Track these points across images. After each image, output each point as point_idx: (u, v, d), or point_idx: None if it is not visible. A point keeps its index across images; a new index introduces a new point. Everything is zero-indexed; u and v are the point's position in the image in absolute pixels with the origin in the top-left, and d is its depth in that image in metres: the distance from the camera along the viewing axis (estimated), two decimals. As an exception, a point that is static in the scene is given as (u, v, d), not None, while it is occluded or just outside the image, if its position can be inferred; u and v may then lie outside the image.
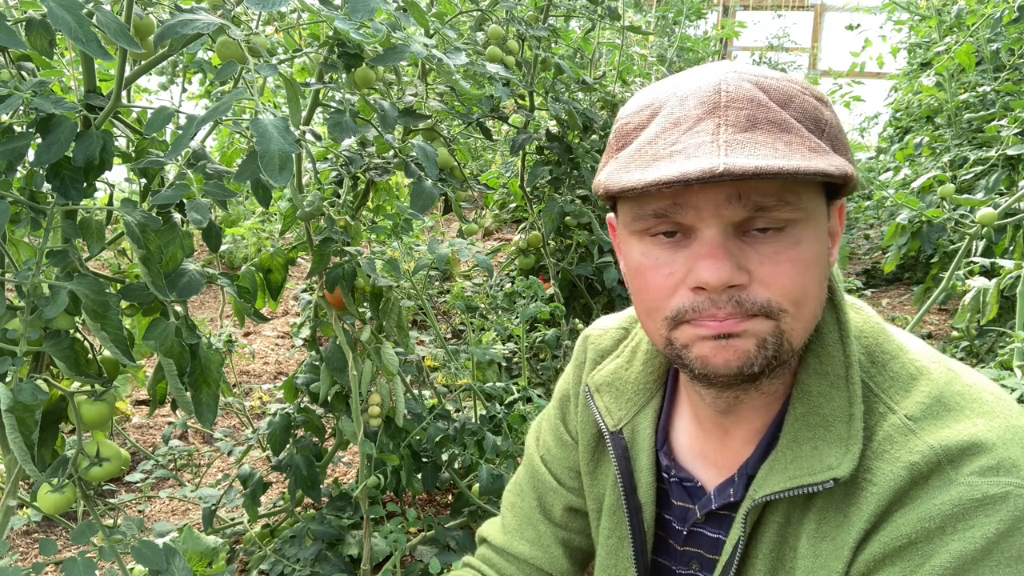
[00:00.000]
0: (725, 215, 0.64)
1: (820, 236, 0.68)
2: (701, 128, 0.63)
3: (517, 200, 3.75)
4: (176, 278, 1.16)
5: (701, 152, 0.61)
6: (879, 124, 6.55)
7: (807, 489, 0.69)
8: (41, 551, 1.15)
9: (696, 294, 0.66)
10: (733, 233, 0.65)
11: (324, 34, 1.53)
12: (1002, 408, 0.68)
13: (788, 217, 0.64)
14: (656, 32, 4.82)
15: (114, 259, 3.35)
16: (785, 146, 0.61)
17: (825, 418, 0.71)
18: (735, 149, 0.60)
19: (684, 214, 0.65)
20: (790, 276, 0.65)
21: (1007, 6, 3.16)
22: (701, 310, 0.66)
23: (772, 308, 0.65)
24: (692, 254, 0.66)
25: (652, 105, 0.68)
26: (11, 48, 1.11)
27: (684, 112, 0.65)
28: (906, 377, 0.71)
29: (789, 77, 0.68)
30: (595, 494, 0.93)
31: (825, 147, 0.64)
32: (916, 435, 0.66)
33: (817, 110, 0.66)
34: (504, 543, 1.00)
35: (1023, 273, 1.94)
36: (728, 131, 0.62)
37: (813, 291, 0.67)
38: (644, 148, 0.66)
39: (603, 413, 0.89)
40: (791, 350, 0.68)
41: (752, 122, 0.62)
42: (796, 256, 0.65)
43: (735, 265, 0.64)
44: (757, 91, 0.64)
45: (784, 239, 0.65)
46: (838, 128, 0.67)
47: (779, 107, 0.64)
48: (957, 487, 0.63)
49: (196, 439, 2.83)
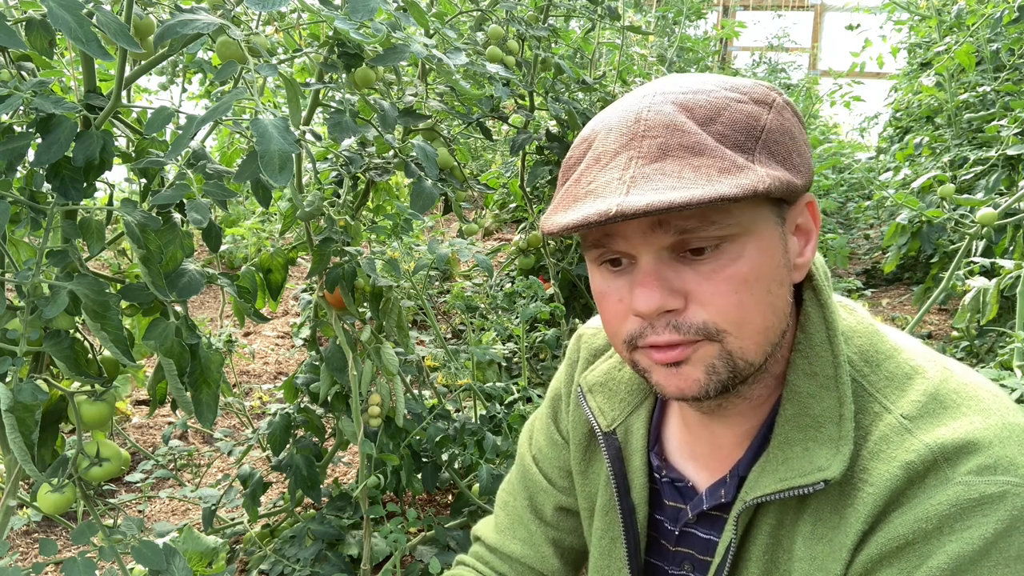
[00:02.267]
0: (653, 242, 0.65)
1: (766, 246, 0.67)
2: (615, 164, 0.64)
3: (517, 200, 3.75)
4: (176, 278, 1.16)
5: (608, 191, 0.62)
6: (879, 124, 6.55)
7: (798, 491, 0.69)
8: (41, 551, 1.15)
9: (640, 320, 0.68)
10: (669, 257, 0.66)
11: (324, 34, 1.54)
12: (998, 406, 0.67)
13: (719, 235, 0.64)
14: (656, 32, 4.82)
15: (114, 259, 3.35)
16: (693, 172, 0.61)
17: (815, 419, 0.71)
18: (638, 184, 0.61)
19: (617, 243, 0.67)
20: (725, 295, 0.65)
21: (1007, 6, 3.17)
22: (645, 335, 0.68)
23: (710, 330, 0.65)
24: (632, 281, 0.68)
25: (589, 137, 0.70)
26: (11, 48, 1.11)
27: (606, 147, 0.66)
28: (901, 376, 0.71)
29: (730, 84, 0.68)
30: (587, 494, 0.93)
31: (743, 163, 0.62)
32: (912, 434, 0.66)
33: (752, 118, 0.65)
34: (497, 542, 1.00)
35: (1023, 273, 1.94)
36: (638, 163, 0.63)
37: (756, 305, 0.66)
38: (571, 188, 0.68)
39: (596, 414, 0.88)
40: (750, 366, 0.68)
41: (664, 151, 0.63)
42: (733, 273, 0.65)
43: (667, 291, 0.65)
44: (678, 114, 0.64)
45: (722, 257, 0.65)
46: (780, 131, 0.66)
47: (701, 126, 0.64)
48: (954, 486, 0.62)
49: (196, 439, 2.83)
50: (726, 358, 0.66)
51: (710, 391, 0.67)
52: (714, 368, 0.67)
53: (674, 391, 0.69)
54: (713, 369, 0.67)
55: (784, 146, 0.66)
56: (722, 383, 0.67)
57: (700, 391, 0.67)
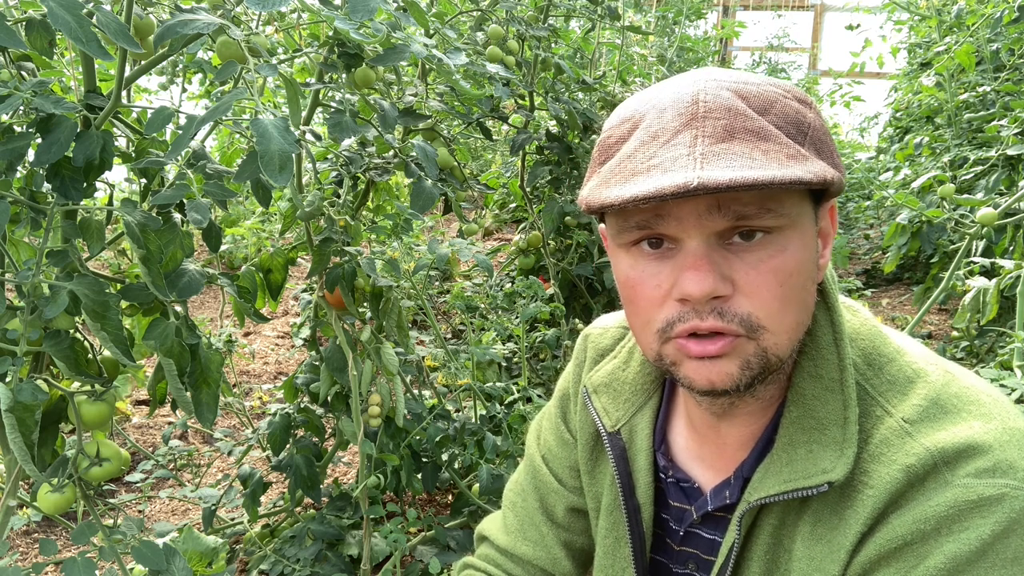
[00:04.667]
0: (707, 225, 0.64)
1: (807, 242, 0.67)
2: (678, 141, 0.63)
3: (517, 200, 3.75)
4: (176, 278, 1.16)
5: (677, 166, 0.61)
6: (879, 124, 6.55)
7: (802, 492, 0.69)
8: (41, 551, 1.15)
9: (682, 304, 0.66)
10: (717, 243, 0.65)
11: (324, 34, 1.54)
12: (999, 410, 0.68)
13: (771, 224, 0.64)
14: (656, 32, 4.82)
15: (114, 259, 3.35)
16: (763, 155, 0.61)
17: (820, 421, 0.71)
18: (711, 161, 0.60)
19: (666, 225, 0.65)
20: (771, 287, 0.65)
21: (1007, 6, 3.17)
22: (685, 319, 0.66)
23: (751, 323, 0.65)
24: (677, 265, 0.66)
25: (632, 118, 0.68)
26: (11, 48, 1.11)
27: (662, 125, 0.65)
28: (903, 380, 0.71)
29: (771, 81, 0.68)
30: (593, 493, 0.93)
31: (805, 153, 0.63)
32: (912, 438, 0.66)
33: (799, 114, 0.66)
34: (507, 544, 1.00)
35: (1023, 273, 1.94)
36: (705, 143, 0.62)
37: (795, 300, 0.67)
38: (623, 163, 0.65)
39: (601, 414, 0.89)
40: (779, 362, 0.68)
41: (729, 132, 0.62)
42: (779, 265, 0.65)
43: (719, 276, 0.64)
44: (736, 99, 0.64)
45: (769, 247, 0.65)
46: (822, 131, 0.67)
47: (758, 114, 0.64)
48: (953, 489, 0.63)
49: (196, 439, 2.83)
50: (761, 354, 0.66)
51: (741, 386, 0.67)
52: (749, 364, 0.66)
53: (705, 384, 0.68)
54: (748, 365, 0.66)
55: (827, 145, 0.67)
56: (753, 378, 0.67)
57: (732, 384, 0.67)
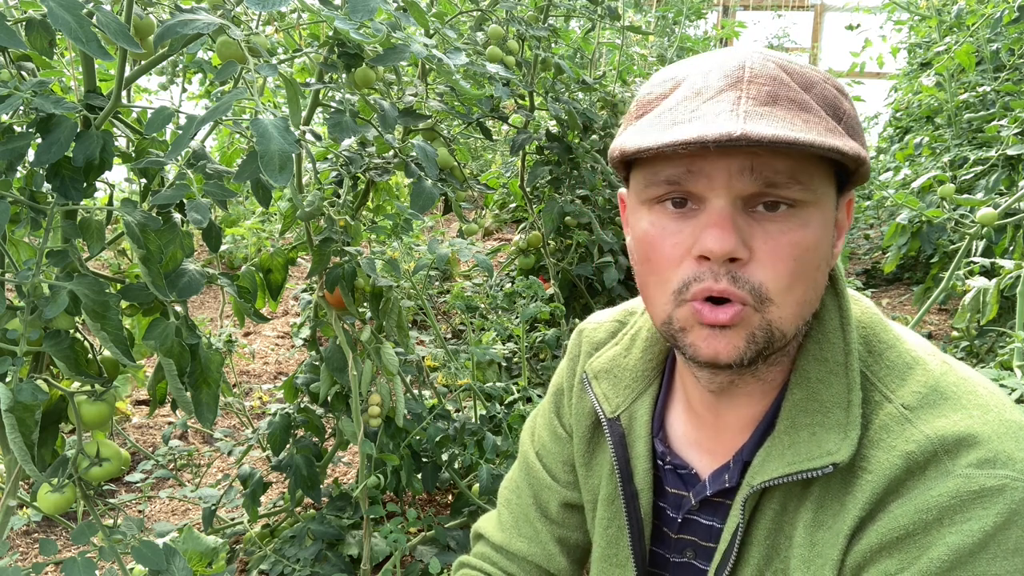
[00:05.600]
0: (736, 187, 0.65)
1: (826, 224, 0.68)
2: (722, 98, 0.64)
3: (517, 200, 3.75)
4: (176, 278, 1.16)
5: (721, 119, 0.62)
6: (879, 124, 6.54)
7: (806, 474, 0.69)
8: (41, 551, 1.15)
9: (699, 264, 0.67)
10: (742, 207, 0.66)
11: (324, 34, 1.54)
12: (996, 402, 0.68)
13: (797, 197, 0.65)
14: (656, 32, 4.81)
15: (114, 259, 3.35)
16: (803, 123, 0.62)
17: (823, 404, 0.71)
18: (754, 119, 0.61)
19: (696, 182, 0.66)
20: (785, 260, 0.65)
21: (1007, 6, 3.16)
22: (701, 279, 0.66)
23: (761, 294, 0.65)
24: (700, 223, 0.67)
25: (675, 78, 0.69)
26: (11, 48, 1.11)
27: (706, 83, 0.66)
28: (902, 366, 0.72)
29: (812, 67, 0.70)
30: (590, 485, 0.93)
31: (842, 131, 0.65)
32: (912, 424, 0.67)
33: (837, 99, 0.67)
34: (502, 541, 1.00)
35: (1023, 273, 1.94)
36: (749, 103, 0.63)
37: (806, 277, 0.67)
38: (664, 114, 0.67)
39: (601, 400, 0.89)
40: (783, 338, 0.68)
41: (773, 98, 0.64)
42: (799, 239, 0.65)
43: (739, 238, 0.65)
44: (780, 71, 0.66)
45: (791, 220, 0.65)
46: (856, 120, 0.68)
47: (801, 89, 0.66)
48: (954, 479, 0.63)
49: (196, 439, 2.83)
50: (766, 327, 0.67)
51: (744, 359, 0.67)
52: (754, 337, 0.67)
53: (709, 354, 0.68)
54: (753, 338, 0.67)
55: (860, 133, 0.68)
56: (757, 352, 0.68)
57: (736, 357, 0.67)
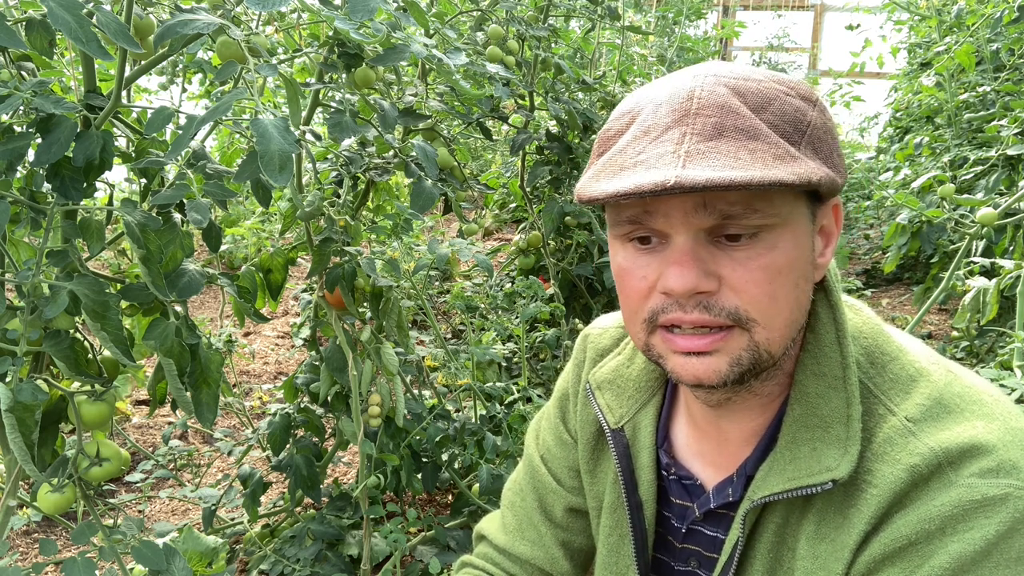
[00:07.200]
0: (694, 223, 0.65)
1: (800, 241, 0.67)
2: (667, 137, 0.64)
3: (517, 200, 3.75)
4: (176, 278, 1.16)
5: (661, 163, 0.62)
6: (879, 124, 6.55)
7: (806, 490, 0.69)
8: (41, 551, 1.15)
9: (666, 297, 0.67)
10: (705, 239, 0.66)
11: (324, 34, 1.54)
12: (1001, 410, 0.68)
13: (759, 223, 0.64)
14: (656, 32, 4.81)
15: (114, 259, 3.35)
16: (749, 154, 0.61)
17: (823, 419, 0.71)
18: (694, 160, 0.61)
19: (655, 221, 0.66)
20: (760, 284, 0.65)
21: (1007, 6, 3.16)
22: (668, 311, 0.67)
23: (740, 316, 0.65)
24: (664, 259, 0.67)
25: (631, 111, 0.69)
26: (11, 48, 1.11)
27: (655, 120, 0.65)
28: (906, 379, 0.71)
29: (776, 77, 0.68)
30: (595, 492, 0.93)
31: (795, 153, 0.63)
32: (916, 437, 0.66)
33: (799, 112, 0.65)
34: (505, 543, 1.00)
35: (1023, 273, 1.94)
36: (692, 140, 0.62)
37: (785, 298, 0.67)
38: (615, 157, 0.67)
39: (604, 411, 0.89)
40: (771, 359, 0.68)
41: (719, 130, 0.62)
42: (768, 263, 0.65)
43: (702, 272, 0.65)
44: (731, 97, 0.64)
45: (757, 245, 0.65)
46: (823, 129, 0.67)
47: (753, 113, 0.64)
48: (957, 489, 0.63)
49: (196, 439, 2.83)
50: (753, 349, 0.66)
51: (728, 380, 0.67)
52: (739, 360, 0.67)
53: (691, 378, 0.68)
54: (738, 361, 0.67)
55: (827, 144, 0.67)
56: (742, 374, 0.67)
57: (719, 380, 0.67)
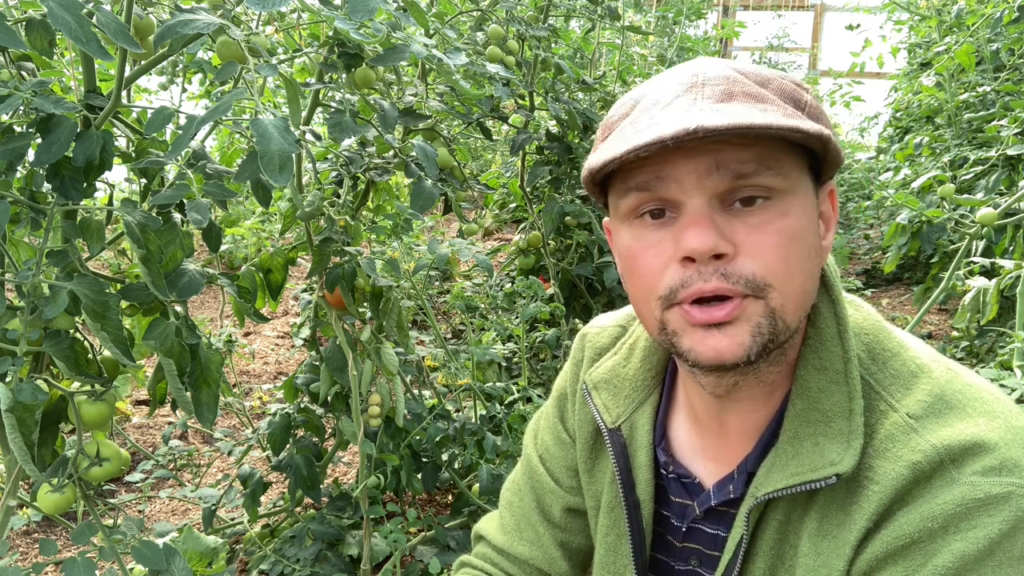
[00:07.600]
0: (707, 186, 0.65)
1: (808, 212, 0.68)
2: (677, 103, 0.65)
3: (517, 200, 3.76)
4: (176, 278, 1.16)
5: (678, 120, 0.63)
6: (879, 124, 6.55)
7: (810, 486, 0.69)
8: (41, 551, 1.15)
9: (684, 267, 0.66)
10: (719, 206, 0.66)
11: (324, 34, 1.54)
12: (1003, 408, 0.68)
13: (771, 184, 0.65)
14: (656, 32, 4.82)
15: (114, 259, 3.35)
16: (761, 112, 0.63)
17: (825, 413, 0.71)
18: (710, 113, 0.62)
19: (667, 188, 0.66)
20: (775, 247, 0.65)
21: (1007, 6, 3.16)
22: (689, 283, 0.66)
23: (758, 282, 0.65)
24: (679, 228, 0.67)
25: (634, 99, 0.71)
26: (11, 48, 1.11)
27: (662, 95, 0.68)
28: (907, 375, 0.71)
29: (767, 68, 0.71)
30: (593, 492, 0.93)
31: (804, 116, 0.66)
32: (918, 433, 0.66)
33: (796, 91, 0.68)
34: (504, 543, 1.00)
35: (1023, 273, 1.94)
36: (705, 102, 0.64)
37: (800, 264, 0.67)
38: (625, 128, 0.68)
39: (601, 410, 0.88)
40: (787, 330, 0.67)
41: (729, 95, 0.65)
42: (783, 227, 0.65)
43: (720, 233, 0.64)
44: (734, 72, 0.67)
45: (771, 209, 0.65)
46: (818, 109, 0.69)
47: (757, 84, 0.67)
48: (960, 487, 0.63)
49: (196, 439, 2.83)
50: (770, 316, 0.66)
51: (752, 355, 0.66)
52: (759, 328, 0.65)
53: (711, 355, 0.66)
54: (758, 329, 0.66)
55: (824, 119, 0.69)
56: (763, 345, 0.66)
57: (743, 355, 0.66)
